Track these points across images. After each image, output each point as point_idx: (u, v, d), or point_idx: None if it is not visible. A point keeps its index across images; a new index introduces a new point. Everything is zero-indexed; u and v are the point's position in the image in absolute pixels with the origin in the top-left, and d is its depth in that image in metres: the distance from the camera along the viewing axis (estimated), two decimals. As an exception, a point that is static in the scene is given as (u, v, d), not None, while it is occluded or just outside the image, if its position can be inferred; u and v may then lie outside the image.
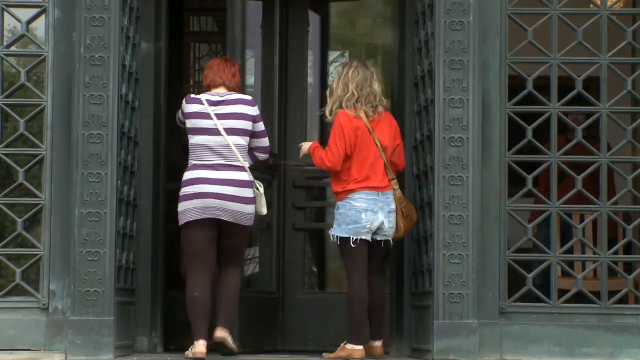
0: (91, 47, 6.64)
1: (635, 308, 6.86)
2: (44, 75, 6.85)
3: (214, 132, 6.77)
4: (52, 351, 6.64)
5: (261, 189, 6.85)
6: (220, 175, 6.76)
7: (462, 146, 6.65)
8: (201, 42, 10.13)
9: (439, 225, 6.61)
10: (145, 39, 7.28)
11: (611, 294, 6.82)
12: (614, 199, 6.86)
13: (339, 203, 6.89)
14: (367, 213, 6.81)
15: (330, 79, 9.34)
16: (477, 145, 6.67)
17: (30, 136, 6.85)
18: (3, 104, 6.85)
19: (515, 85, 6.89)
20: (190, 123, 6.83)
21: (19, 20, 6.90)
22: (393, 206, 6.89)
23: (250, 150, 6.95)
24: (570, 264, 7.40)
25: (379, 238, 6.89)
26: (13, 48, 6.95)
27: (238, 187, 6.77)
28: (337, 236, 6.85)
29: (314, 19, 8.77)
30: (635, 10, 7.09)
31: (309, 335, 8.23)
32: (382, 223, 6.85)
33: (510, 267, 6.77)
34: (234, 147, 6.77)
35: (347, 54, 10.68)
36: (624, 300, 6.94)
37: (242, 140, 6.83)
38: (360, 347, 6.80)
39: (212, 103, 6.85)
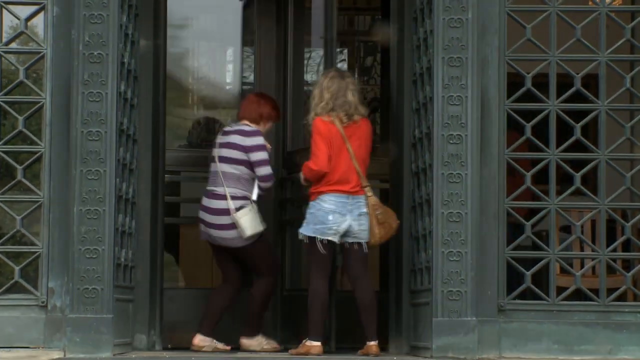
0: (90, 45, 6.63)
1: (634, 305, 6.85)
2: (42, 73, 6.84)
3: (214, 160, 7.47)
4: (51, 349, 6.63)
5: (240, 215, 7.34)
6: (209, 204, 7.47)
7: (461, 143, 6.64)
8: (201, 40, 10.13)
9: (438, 223, 6.61)
10: (144, 36, 7.27)
11: (610, 291, 6.82)
12: (613, 196, 6.86)
13: (310, 203, 7.10)
14: (334, 215, 6.99)
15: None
16: (475, 143, 6.67)
17: (29, 133, 6.84)
18: (2, 101, 6.84)
19: (514, 82, 6.88)
20: None
21: (17, 18, 6.88)
22: (364, 210, 7.03)
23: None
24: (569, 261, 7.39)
25: (350, 240, 7.05)
26: (12, 45, 6.94)
27: (215, 215, 7.44)
28: (304, 235, 7.03)
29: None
30: (634, 7, 7.08)
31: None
32: (350, 226, 7.01)
33: (509, 265, 6.76)
34: (220, 175, 7.40)
35: (345, 51, 10.67)
36: (622, 297, 6.95)
37: (231, 169, 7.40)
38: (318, 343, 7.00)
39: (223, 133, 7.59)
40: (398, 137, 7.41)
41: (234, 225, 7.37)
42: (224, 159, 7.45)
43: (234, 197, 7.38)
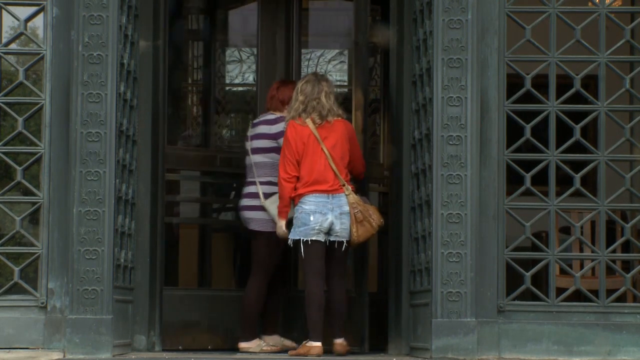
0: (89, 46, 6.63)
1: (634, 307, 6.85)
2: (42, 74, 6.83)
3: (248, 153, 7.74)
4: (51, 350, 6.63)
5: (270, 202, 7.48)
6: (244, 190, 7.74)
7: (461, 144, 6.64)
8: (200, 41, 10.11)
9: (437, 224, 6.60)
10: (143, 37, 7.28)
11: (609, 292, 6.81)
12: (612, 197, 6.85)
13: (295, 208, 7.22)
14: (315, 215, 7.13)
15: (330, 76, 9.36)
16: (475, 144, 6.67)
17: (29, 134, 6.83)
18: (1, 102, 6.83)
19: (513, 83, 6.88)
20: None
21: (17, 19, 6.88)
22: (346, 208, 7.16)
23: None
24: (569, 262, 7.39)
25: (332, 239, 7.16)
26: (12, 46, 6.94)
27: (246, 197, 7.68)
28: (291, 239, 7.20)
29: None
30: (633, 8, 7.07)
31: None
32: (333, 224, 7.14)
33: (508, 266, 6.76)
34: (253, 166, 7.64)
35: (345, 52, 10.66)
36: (622, 298, 6.95)
37: (264, 158, 7.62)
38: (318, 343, 7.07)
39: (252, 125, 7.80)
40: (398, 138, 7.40)
41: (259, 208, 7.55)
42: (255, 150, 7.64)
43: (266, 184, 7.59)
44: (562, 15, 6.86)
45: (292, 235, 7.21)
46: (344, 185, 7.18)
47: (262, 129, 7.66)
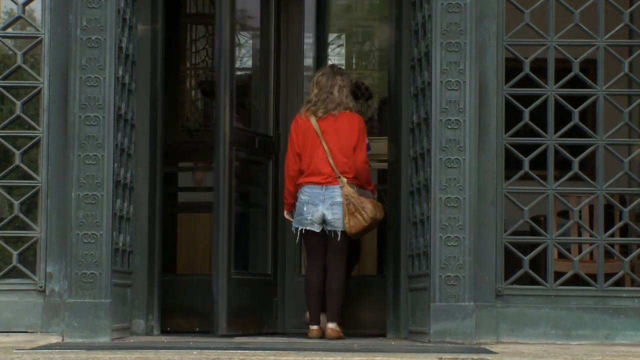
0: (87, 29, 6.61)
1: (632, 290, 6.86)
2: (40, 57, 6.84)
3: None
4: (49, 333, 6.63)
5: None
6: None
7: (459, 129, 6.63)
8: (198, 24, 10.10)
9: (436, 208, 6.60)
10: (141, 21, 7.26)
11: (607, 276, 6.82)
12: (611, 181, 6.84)
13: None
14: (308, 206, 7.31)
15: (329, 61, 9.32)
16: (474, 128, 6.66)
17: (27, 118, 6.83)
18: (0, 86, 6.80)
19: (512, 67, 6.88)
20: None
21: (15, 2, 6.87)
22: (339, 199, 7.29)
23: None
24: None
25: (328, 228, 7.31)
26: (9, 30, 6.94)
27: None
28: (293, 227, 7.41)
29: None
30: (632, -8, 7.06)
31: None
32: (324, 215, 7.28)
33: (506, 250, 6.76)
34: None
35: (343, 36, 10.61)
36: (620, 282, 6.95)
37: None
38: (316, 326, 7.33)
39: None
40: (396, 123, 7.38)
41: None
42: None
43: None
44: (560, -1, 6.85)
45: (294, 224, 7.43)
46: (339, 177, 7.27)
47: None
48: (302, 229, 7.33)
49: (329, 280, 7.33)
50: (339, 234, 7.27)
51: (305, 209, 7.30)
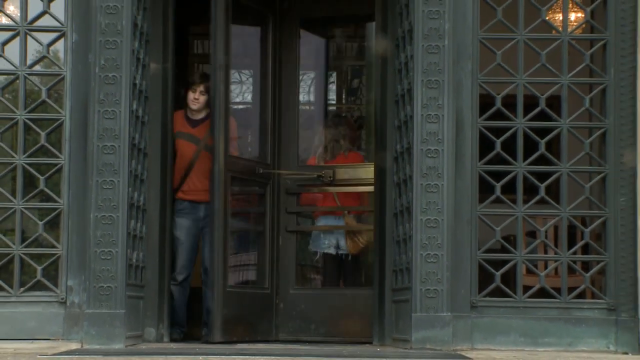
0: (105, 68, 6.64)
1: (592, 302, 6.87)
2: (63, 93, 6.86)
3: None
4: (70, 340, 6.64)
5: None
6: None
7: (438, 157, 6.66)
8: (204, 63, 10.15)
9: (417, 228, 6.62)
10: (154, 60, 7.29)
11: (570, 289, 6.84)
12: (574, 204, 6.88)
13: None
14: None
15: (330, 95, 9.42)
16: (451, 157, 6.69)
17: (50, 147, 6.85)
18: (26, 118, 6.85)
19: (485, 102, 6.91)
20: None
21: (40, 43, 6.90)
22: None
23: None
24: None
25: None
26: (36, 68, 6.95)
27: None
28: None
29: (309, 41, 8.76)
30: (592, 35, 7.09)
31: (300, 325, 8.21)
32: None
33: (480, 266, 6.78)
34: None
35: (334, 74, 10.66)
36: (582, 295, 6.94)
37: None
38: None
39: None
40: (382, 151, 7.42)
41: None
42: None
43: None
44: (529, 42, 6.90)
45: None
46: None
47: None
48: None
49: None
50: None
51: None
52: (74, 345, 6.50)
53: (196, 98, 7.71)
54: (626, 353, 6.66)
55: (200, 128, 7.68)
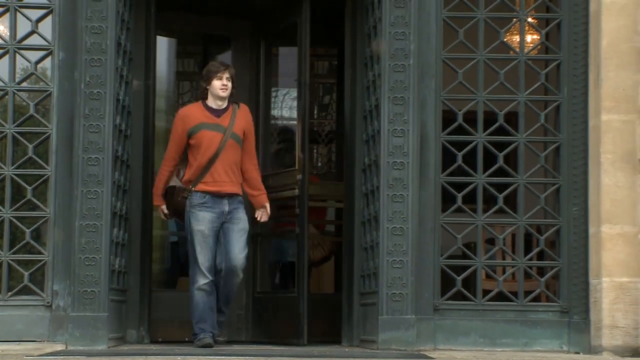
0: (90, 84, 6.65)
1: (547, 305, 6.93)
2: (49, 108, 6.86)
3: None
4: (55, 342, 6.64)
5: None
6: None
7: (404, 169, 6.72)
8: (184, 80, 10.21)
9: (384, 236, 6.67)
10: (136, 77, 7.28)
11: (527, 293, 6.89)
12: (530, 213, 6.96)
13: None
14: None
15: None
16: (416, 169, 6.75)
17: (38, 159, 6.85)
18: (15, 132, 6.85)
19: (448, 118, 6.96)
20: None
21: (29, 61, 6.91)
22: None
23: None
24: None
25: None
26: (24, 84, 6.94)
27: None
28: None
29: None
30: (547, 56, 7.20)
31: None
32: None
33: (442, 271, 6.85)
34: None
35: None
36: (537, 299, 7.01)
37: None
38: None
39: None
40: (351, 164, 7.47)
41: None
42: None
43: None
44: (488, 62, 6.98)
45: None
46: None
47: None
48: None
49: None
50: None
51: None
52: (59, 347, 6.50)
53: (224, 84, 7.03)
54: (578, 353, 6.76)
55: (225, 117, 7.06)
